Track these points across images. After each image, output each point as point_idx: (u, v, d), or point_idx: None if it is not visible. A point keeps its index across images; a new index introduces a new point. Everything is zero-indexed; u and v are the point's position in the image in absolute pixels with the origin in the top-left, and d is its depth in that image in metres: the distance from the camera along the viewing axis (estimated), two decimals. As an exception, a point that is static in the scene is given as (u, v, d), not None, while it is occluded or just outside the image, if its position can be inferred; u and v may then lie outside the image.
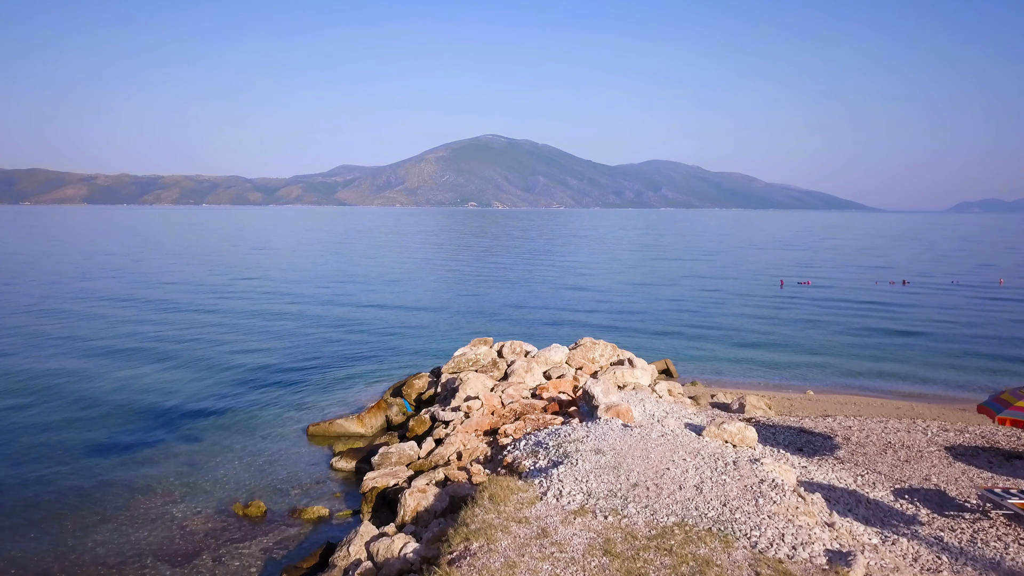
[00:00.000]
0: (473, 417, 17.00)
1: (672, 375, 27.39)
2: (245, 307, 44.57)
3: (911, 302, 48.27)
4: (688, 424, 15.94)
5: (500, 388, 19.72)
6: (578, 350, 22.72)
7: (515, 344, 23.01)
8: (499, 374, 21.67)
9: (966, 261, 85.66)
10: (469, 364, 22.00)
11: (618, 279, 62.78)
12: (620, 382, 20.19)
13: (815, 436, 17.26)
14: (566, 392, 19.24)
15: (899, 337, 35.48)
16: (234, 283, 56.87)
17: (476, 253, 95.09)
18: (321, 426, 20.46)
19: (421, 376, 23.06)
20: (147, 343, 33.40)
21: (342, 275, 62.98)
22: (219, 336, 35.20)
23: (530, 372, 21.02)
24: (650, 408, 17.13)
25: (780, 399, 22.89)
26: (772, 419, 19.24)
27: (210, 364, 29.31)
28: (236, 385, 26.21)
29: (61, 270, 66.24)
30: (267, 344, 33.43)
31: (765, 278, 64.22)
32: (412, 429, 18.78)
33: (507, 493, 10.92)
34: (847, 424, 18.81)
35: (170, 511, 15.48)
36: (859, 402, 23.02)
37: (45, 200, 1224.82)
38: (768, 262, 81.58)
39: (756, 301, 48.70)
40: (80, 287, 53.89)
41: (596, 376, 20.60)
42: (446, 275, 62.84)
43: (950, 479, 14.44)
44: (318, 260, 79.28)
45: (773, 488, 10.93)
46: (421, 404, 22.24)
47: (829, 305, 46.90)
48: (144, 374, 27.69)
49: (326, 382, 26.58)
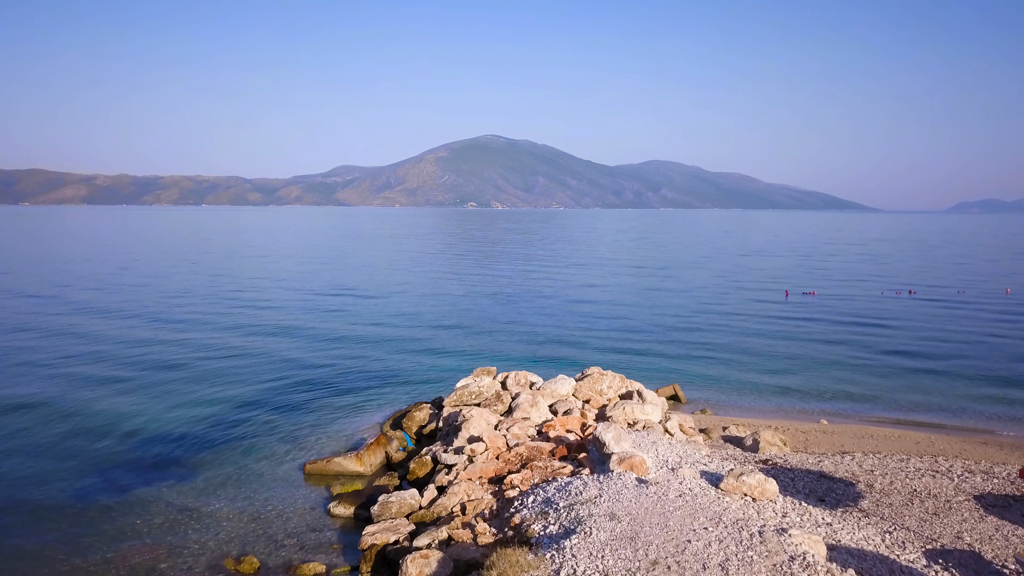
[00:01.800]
0: (477, 463, 16.19)
1: (680, 400, 26.63)
2: (235, 323, 43.08)
3: (919, 316, 47.46)
4: (704, 472, 15.13)
5: (505, 425, 18.91)
6: (585, 382, 21.91)
7: (519, 375, 22.19)
8: (503, 408, 20.86)
9: (970, 268, 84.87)
10: (472, 397, 21.19)
11: (619, 291, 61.92)
12: (630, 419, 19.38)
13: (836, 482, 16.44)
14: (574, 431, 18.43)
15: (910, 358, 34.65)
16: (224, 297, 55.19)
17: (475, 261, 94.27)
18: (318, 464, 19.64)
19: (422, 408, 22.25)
20: (130, 368, 31.80)
21: (336, 287, 61.35)
22: (208, 358, 33.95)
23: (535, 406, 20.20)
24: (663, 453, 16.31)
25: (794, 432, 22.08)
26: (789, 459, 18.41)
27: (199, 391, 28.19)
28: (228, 413, 25.32)
29: (41, 280, 65.28)
30: (259, 366, 32.34)
31: (769, 288, 63.44)
32: (413, 471, 17.97)
33: (517, 572, 10.10)
34: (868, 466, 18.00)
35: (158, 567, 14.65)
36: (875, 435, 22.20)
37: (44, 200, 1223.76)
38: (771, 270, 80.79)
39: (762, 314, 47.91)
40: (59, 298, 52.83)
41: (605, 414, 19.78)
42: (444, 287, 61.65)
43: (984, 537, 13.64)
44: (311, 270, 78.11)
45: (805, 568, 10.12)
46: (422, 438, 21.45)
47: (836, 319, 46.10)
48: (127, 404, 26.40)
49: (322, 410, 25.71)
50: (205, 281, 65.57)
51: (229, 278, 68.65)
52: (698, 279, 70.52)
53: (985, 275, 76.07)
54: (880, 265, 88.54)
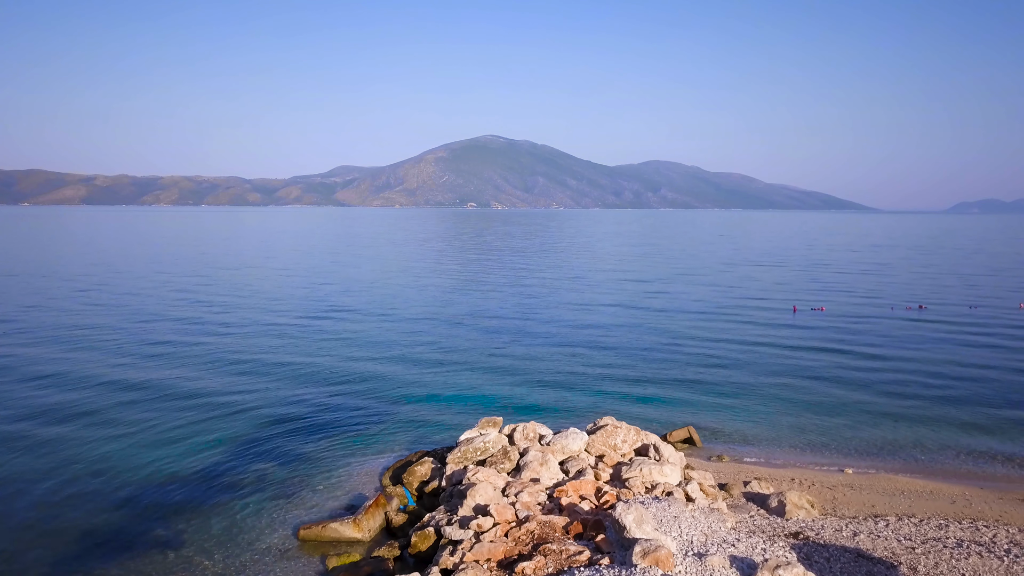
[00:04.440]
0: (484, 542, 14.86)
1: (695, 443, 25.32)
2: (213, 356, 39.10)
3: (933, 337, 46.11)
4: (734, 558, 13.81)
5: (513, 489, 17.57)
6: (598, 435, 20.57)
7: (527, 428, 20.83)
8: (510, 465, 19.52)
9: (979, 279, 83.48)
10: (477, 454, 19.85)
11: (622, 314, 60.34)
12: (648, 482, 18.06)
13: (876, 564, 15.11)
14: (588, 497, 17.10)
15: (927, 388, 33.33)
16: (201, 322, 50.81)
17: (471, 276, 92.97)
18: (313, 530, 18.30)
19: (424, 462, 20.91)
20: (96, 404, 29.54)
21: (324, 309, 57.17)
22: (189, 395, 31.19)
23: (545, 465, 18.88)
24: (687, 530, 14.99)
25: (820, 488, 20.76)
26: (820, 529, 17.09)
27: (180, 437, 26.08)
28: (212, 459, 23.75)
29: (13, 294, 63.88)
30: (244, 407, 29.66)
31: (777, 302, 62.10)
32: (415, 544, 16.64)
33: None
34: (906, 537, 16.69)
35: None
36: (906, 490, 20.89)
37: (44, 201, 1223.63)
38: (777, 281, 79.40)
39: (771, 336, 46.55)
40: (29, 322, 51.51)
41: (621, 475, 18.45)
42: (438, 310, 57.89)
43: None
44: (300, 289, 76.29)
45: None
46: (424, 496, 20.12)
47: (848, 340, 44.80)
48: (96, 446, 24.84)
49: (315, 456, 24.18)
50: (174, 301, 62.68)
51: (210, 300, 66.84)
52: (703, 294, 69.11)
53: (996, 288, 74.72)
54: (886, 276, 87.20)
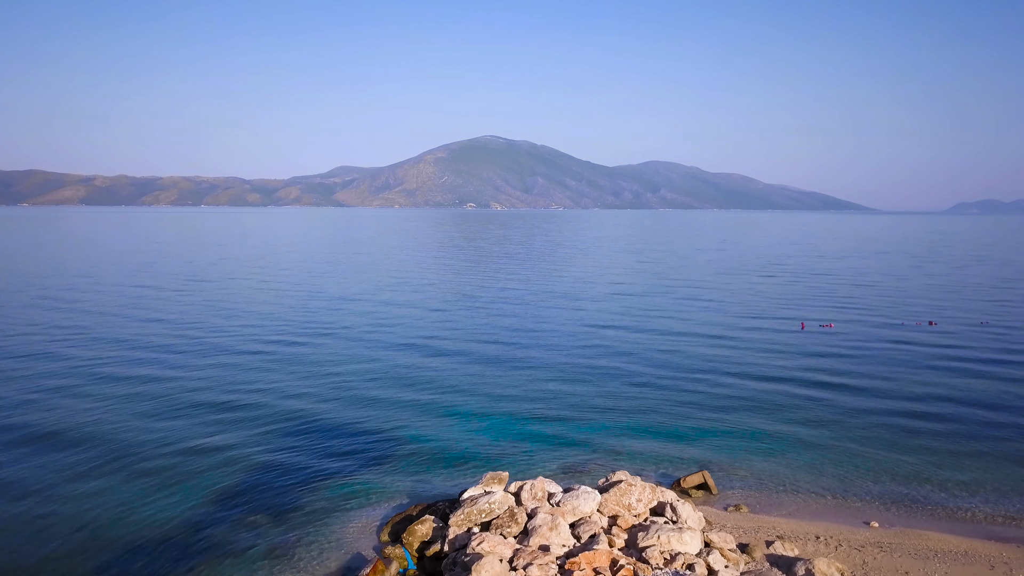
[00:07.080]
0: (492, 633, 13.63)
1: (711, 490, 24.10)
2: (193, 389, 36.16)
3: (947, 357, 44.86)
4: (766, 658, 12.56)
5: (522, 560, 16.33)
6: (611, 494, 19.32)
7: (535, 487, 19.57)
8: (517, 529, 18.28)
9: (987, 289, 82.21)
10: (482, 515, 18.60)
11: (628, 336, 58.76)
12: (667, 552, 16.82)
13: (919, 656, 13.90)
14: (603, 572, 15.87)
15: (946, 420, 32.11)
16: (182, 348, 47.55)
17: (470, 292, 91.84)
18: (306, 602, 17.09)
19: (425, 520, 19.66)
20: (74, 449, 27.55)
21: (311, 330, 53.35)
22: (163, 440, 28.75)
23: (555, 529, 17.64)
24: (712, 619, 13.75)
25: (848, 549, 19.52)
26: (853, 606, 15.89)
27: (158, 483, 24.42)
28: (196, 510, 22.31)
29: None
30: (227, 450, 27.63)
31: (783, 318, 60.74)
32: (416, 626, 15.40)
33: None
34: (946, 617, 15.48)
35: None
36: (939, 549, 19.67)
37: (43, 201, 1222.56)
38: (783, 295, 78.07)
39: (779, 356, 45.24)
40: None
41: (638, 544, 17.19)
42: (435, 336, 53.36)
43: None
44: (290, 304, 75.12)
45: None
46: (424, 559, 18.88)
47: (859, 361, 43.60)
48: (77, 509, 22.96)
49: (308, 507, 22.69)
50: (156, 322, 61.52)
51: (183, 319, 65.40)
52: (706, 311, 67.73)
53: (1005, 300, 73.45)
54: (895, 287, 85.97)
